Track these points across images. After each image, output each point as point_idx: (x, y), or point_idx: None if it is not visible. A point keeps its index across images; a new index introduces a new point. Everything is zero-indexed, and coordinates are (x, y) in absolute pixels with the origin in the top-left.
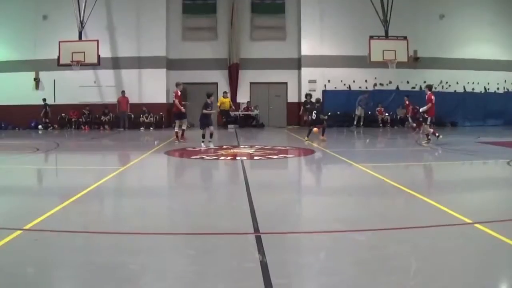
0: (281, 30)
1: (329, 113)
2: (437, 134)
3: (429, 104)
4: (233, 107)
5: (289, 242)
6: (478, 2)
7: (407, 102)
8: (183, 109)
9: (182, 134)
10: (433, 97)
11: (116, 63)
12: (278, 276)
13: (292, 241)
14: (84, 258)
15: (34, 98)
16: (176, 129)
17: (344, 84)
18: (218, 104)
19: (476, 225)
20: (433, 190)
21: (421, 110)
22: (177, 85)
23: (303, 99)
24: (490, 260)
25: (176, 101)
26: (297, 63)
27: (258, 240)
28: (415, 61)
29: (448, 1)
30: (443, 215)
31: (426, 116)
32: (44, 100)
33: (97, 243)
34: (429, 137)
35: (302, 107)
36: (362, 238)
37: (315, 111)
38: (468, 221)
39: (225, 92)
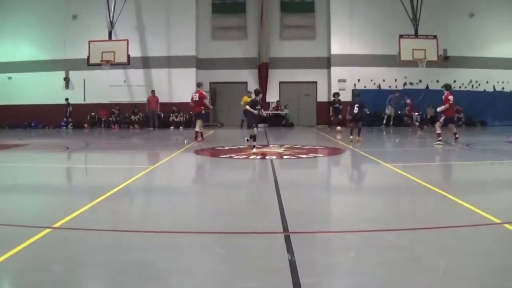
0: (311, 29)
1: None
2: (440, 138)
3: (446, 105)
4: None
5: (318, 241)
6: (508, 1)
7: (408, 101)
8: (210, 106)
9: (201, 134)
10: (450, 97)
11: (146, 62)
12: (307, 276)
13: (321, 241)
14: (112, 256)
15: (64, 97)
16: (197, 129)
17: (374, 83)
18: (242, 103)
19: (506, 225)
20: (462, 190)
21: (438, 109)
22: (201, 85)
23: (332, 98)
24: None
25: (206, 101)
26: (326, 62)
27: (287, 240)
28: (445, 60)
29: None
30: (472, 215)
31: (443, 115)
32: (67, 99)
33: (126, 242)
34: (440, 138)
35: (331, 107)
36: (391, 238)
37: (357, 105)
38: (497, 221)
39: (249, 92)
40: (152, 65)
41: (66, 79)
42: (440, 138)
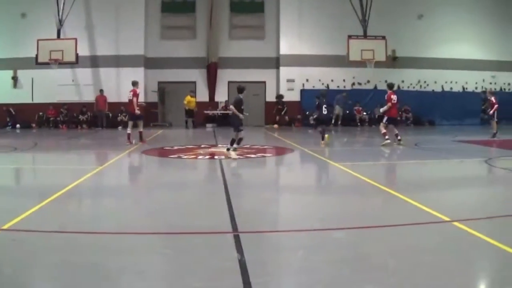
0: (260, 29)
1: (307, 112)
2: (386, 137)
3: (389, 104)
4: (196, 108)
5: (268, 241)
6: (456, 2)
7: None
8: (138, 111)
9: (141, 136)
10: (393, 96)
11: (95, 61)
12: (257, 275)
13: (270, 240)
14: (62, 258)
15: (12, 96)
16: (129, 131)
17: (323, 84)
18: (185, 102)
19: (454, 223)
20: (410, 188)
21: (381, 110)
22: (135, 84)
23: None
24: (468, 257)
25: (135, 100)
26: (275, 62)
27: (237, 239)
28: (393, 61)
29: (426, 1)
30: (421, 213)
31: (385, 116)
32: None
33: (75, 243)
34: (386, 137)
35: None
36: (340, 236)
37: (325, 106)
38: (446, 219)
39: (192, 92)
40: (100, 64)
41: (14, 78)
42: (387, 137)
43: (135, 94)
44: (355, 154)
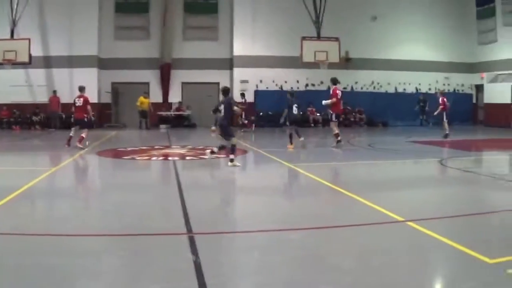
0: (214, 30)
1: (261, 113)
2: (339, 138)
3: (333, 99)
4: (152, 108)
5: (223, 242)
6: (410, 5)
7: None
8: (89, 116)
9: (81, 140)
10: (338, 91)
11: (48, 62)
12: (212, 276)
13: (225, 241)
14: (16, 260)
15: None
16: (72, 134)
17: (276, 85)
18: (138, 103)
19: (408, 222)
20: (364, 189)
21: (323, 102)
22: (83, 89)
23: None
24: (422, 256)
25: (89, 107)
26: (229, 63)
27: (192, 241)
28: (346, 62)
29: (380, 3)
30: (375, 213)
31: (331, 112)
32: None
33: (30, 245)
34: (339, 138)
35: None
36: (295, 237)
37: (296, 105)
38: (400, 219)
39: (145, 93)
40: (54, 65)
41: None
42: (339, 138)
43: (88, 102)
44: (309, 155)
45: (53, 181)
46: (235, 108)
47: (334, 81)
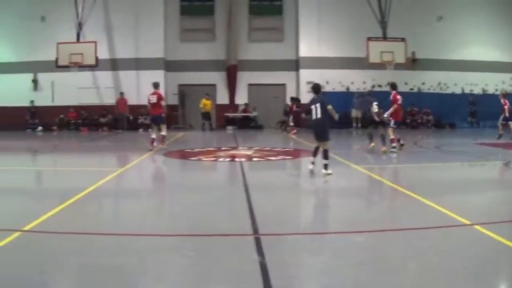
0: (279, 32)
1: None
2: (394, 144)
3: (395, 106)
4: (213, 110)
5: (289, 243)
6: (476, 4)
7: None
8: (165, 109)
9: (163, 139)
10: (399, 97)
11: (114, 64)
12: (277, 278)
13: (291, 243)
14: (82, 259)
15: (33, 99)
16: (154, 136)
17: (343, 86)
18: (201, 105)
19: (476, 226)
20: (431, 191)
21: (385, 115)
22: (158, 85)
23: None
24: (489, 261)
25: (162, 103)
26: (295, 65)
27: (258, 242)
28: (413, 63)
29: (446, 3)
30: (442, 216)
31: (390, 119)
32: (32, 102)
33: (96, 245)
34: (395, 144)
35: (289, 110)
36: (361, 239)
37: (376, 103)
38: (467, 222)
39: (207, 94)
40: (120, 67)
41: (35, 81)
42: (394, 145)
43: (162, 98)
44: (377, 157)
45: (120, 182)
46: (329, 107)
47: (394, 86)
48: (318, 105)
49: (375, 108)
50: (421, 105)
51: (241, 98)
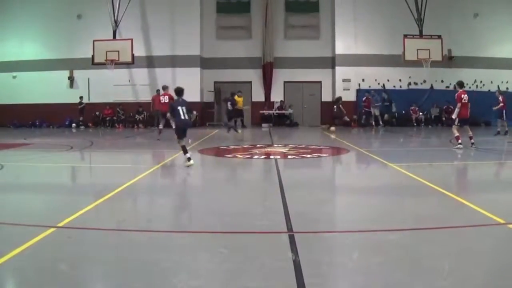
0: (315, 29)
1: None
2: (459, 141)
3: (458, 105)
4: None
5: (323, 241)
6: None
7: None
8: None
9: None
10: (463, 95)
11: (150, 62)
12: (311, 276)
13: (325, 241)
14: (117, 255)
15: (68, 96)
16: (161, 126)
17: (379, 83)
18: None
19: (510, 225)
20: (466, 190)
21: (453, 117)
22: (167, 87)
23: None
24: None
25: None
26: (331, 62)
27: (292, 239)
28: (449, 60)
29: (482, 0)
30: (476, 215)
31: (456, 117)
32: (81, 98)
33: (131, 241)
34: (459, 141)
35: (336, 107)
36: (395, 238)
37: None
38: (501, 221)
39: (239, 91)
40: (156, 64)
41: (71, 78)
42: (459, 142)
43: (172, 98)
44: (410, 155)
45: (155, 179)
46: (194, 112)
47: (460, 85)
48: (184, 108)
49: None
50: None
51: (277, 95)
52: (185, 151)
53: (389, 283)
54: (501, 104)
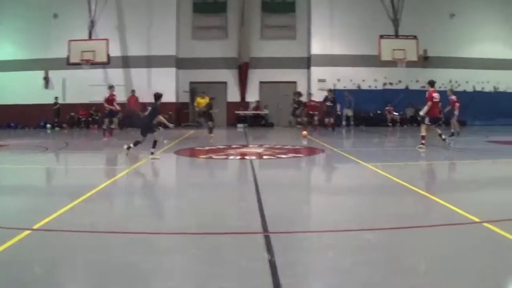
0: (291, 29)
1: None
2: (423, 142)
3: (429, 103)
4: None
5: (298, 241)
6: (487, 2)
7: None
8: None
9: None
10: (435, 94)
11: (126, 62)
12: (287, 276)
13: (301, 241)
14: (92, 257)
15: (43, 97)
16: (105, 127)
17: (354, 84)
18: (195, 104)
19: (485, 224)
20: (441, 189)
21: (421, 113)
22: (112, 87)
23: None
24: (499, 259)
25: (115, 103)
26: (306, 62)
27: (267, 240)
28: (425, 60)
29: (458, 0)
30: (451, 214)
31: (427, 116)
32: (56, 98)
33: (106, 243)
34: (423, 141)
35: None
36: (371, 237)
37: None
38: (477, 220)
39: (202, 92)
40: (132, 65)
41: (46, 79)
42: (423, 142)
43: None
44: (385, 155)
45: (130, 180)
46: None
47: (431, 84)
48: (151, 110)
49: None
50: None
51: (252, 95)
52: (135, 144)
53: (366, 282)
54: (457, 104)
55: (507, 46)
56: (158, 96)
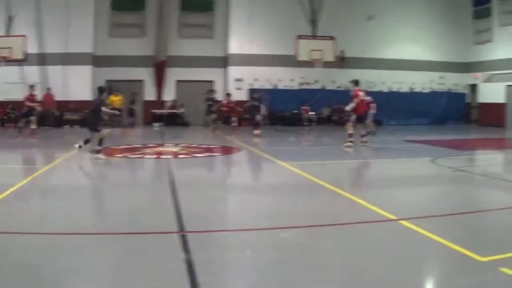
0: (210, 28)
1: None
2: (350, 139)
3: (356, 100)
4: (124, 107)
5: (215, 240)
6: (406, 4)
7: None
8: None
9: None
10: (360, 92)
11: (43, 59)
12: (204, 275)
13: (218, 239)
14: (6, 258)
15: None
16: (21, 125)
17: (270, 83)
18: (108, 102)
19: (401, 221)
20: (358, 187)
21: (347, 108)
22: (33, 86)
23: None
24: (414, 254)
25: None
26: (224, 62)
27: (184, 239)
28: (342, 61)
29: (376, 2)
30: (368, 212)
31: (353, 114)
32: None
33: (21, 244)
34: (350, 138)
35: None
36: (288, 236)
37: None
38: (393, 217)
39: (116, 91)
40: (48, 62)
41: None
42: (351, 139)
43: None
44: (302, 154)
45: (45, 180)
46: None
47: (356, 83)
48: (95, 104)
49: None
50: (349, 103)
51: (169, 94)
52: (85, 142)
53: (284, 280)
54: (372, 104)
55: (424, 47)
56: (102, 89)
